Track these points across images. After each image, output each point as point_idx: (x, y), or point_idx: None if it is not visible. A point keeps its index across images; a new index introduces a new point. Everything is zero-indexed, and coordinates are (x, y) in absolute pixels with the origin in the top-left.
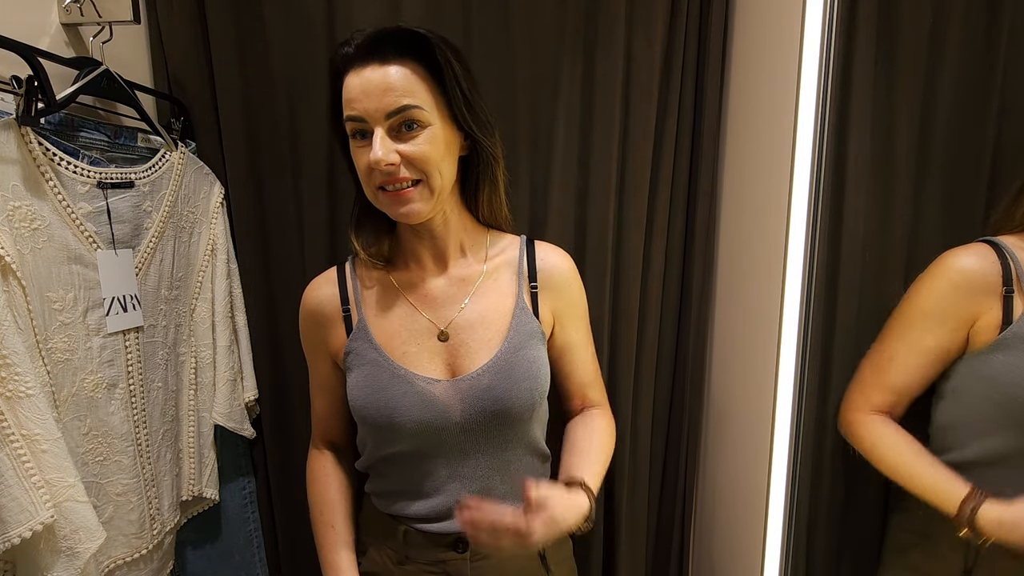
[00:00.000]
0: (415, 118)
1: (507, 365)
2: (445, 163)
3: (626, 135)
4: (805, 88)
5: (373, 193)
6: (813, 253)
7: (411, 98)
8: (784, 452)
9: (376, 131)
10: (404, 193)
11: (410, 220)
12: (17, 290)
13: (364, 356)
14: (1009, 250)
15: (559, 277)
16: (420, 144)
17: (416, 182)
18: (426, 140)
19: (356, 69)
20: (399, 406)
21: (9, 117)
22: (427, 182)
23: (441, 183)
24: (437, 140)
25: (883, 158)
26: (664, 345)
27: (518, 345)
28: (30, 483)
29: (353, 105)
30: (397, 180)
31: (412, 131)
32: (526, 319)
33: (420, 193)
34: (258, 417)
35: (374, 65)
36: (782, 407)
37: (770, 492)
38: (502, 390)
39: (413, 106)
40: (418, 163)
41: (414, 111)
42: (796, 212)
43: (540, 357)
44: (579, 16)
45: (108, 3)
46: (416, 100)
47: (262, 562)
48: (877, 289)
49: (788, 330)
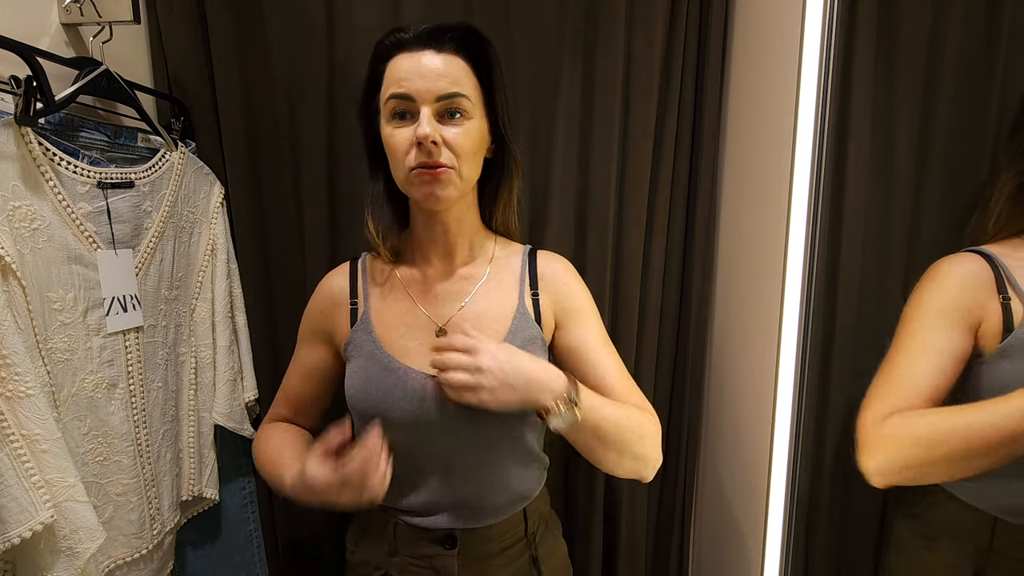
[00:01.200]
0: (462, 107)
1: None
2: (477, 158)
3: (626, 134)
4: (805, 88)
5: (406, 174)
6: (813, 253)
7: (461, 88)
8: (784, 452)
9: (423, 110)
10: (440, 173)
11: (438, 204)
12: (17, 290)
13: (362, 348)
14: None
15: (558, 279)
16: (461, 132)
17: (448, 168)
18: (466, 131)
19: (409, 52)
20: (389, 399)
21: (8, 117)
22: (459, 170)
23: (469, 175)
24: (474, 134)
25: (883, 158)
26: (664, 344)
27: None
28: (30, 483)
29: (403, 83)
30: (435, 162)
31: (455, 119)
32: (526, 323)
33: (452, 177)
34: (258, 417)
35: (431, 52)
36: (782, 407)
37: (770, 492)
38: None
39: (462, 95)
40: (456, 149)
41: (463, 100)
42: (796, 212)
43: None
44: (579, 16)
45: (108, 3)
46: (465, 91)
47: (262, 562)
48: (877, 289)
49: (788, 330)
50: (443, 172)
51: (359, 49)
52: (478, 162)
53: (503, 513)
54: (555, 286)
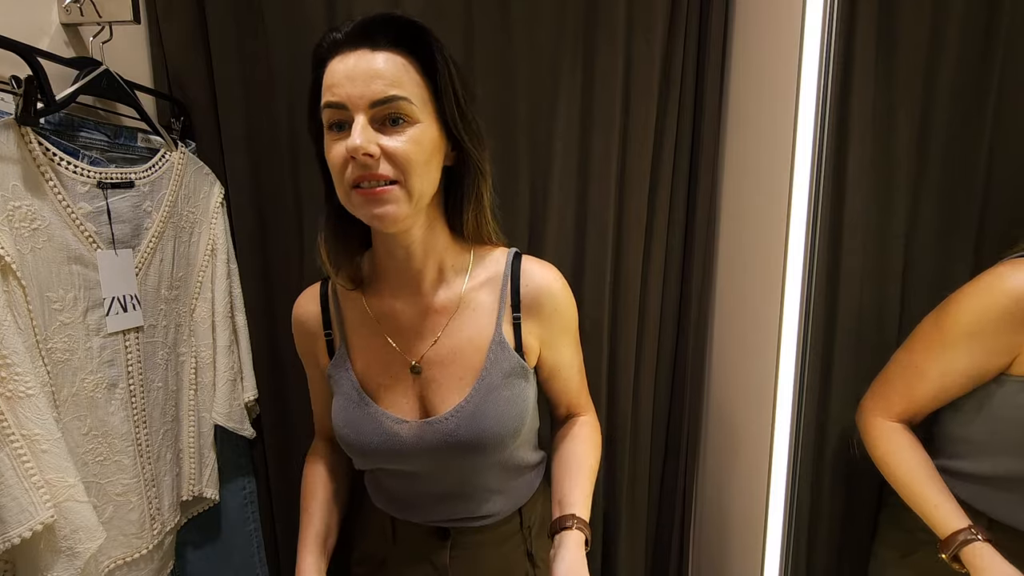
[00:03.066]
0: (402, 112)
1: (476, 410)
2: (429, 168)
3: (626, 135)
4: (805, 88)
5: (346, 192)
6: (813, 253)
7: (400, 90)
8: (784, 453)
9: (357, 118)
10: (380, 192)
11: (385, 225)
12: (17, 290)
13: (341, 385)
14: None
15: (544, 301)
16: (404, 141)
17: (393, 183)
18: (411, 138)
19: (343, 54)
20: (369, 441)
21: (9, 117)
22: (405, 184)
23: (421, 189)
24: (423, 141)
25: (883, 158)
26: (664, 345)
27: (491, 385)
28: (30, 483)
29: (334, 91)
30: (373, 176)
31: (397, 126)
32: (503, 355)
33: (397, 195)
34: (258, 417)
35: (363, 51)
36: (782, 407)
37: (770, 492)
38: (469, 434)
39: (401, 98)
40: (399, 161)
41: (402, 103)
42: (796, 212)
43: (518, 395)
44: (579, 16)
45: (108, 3)
46: (406, 93)
47: (262, 562)
48: (877, 289)
49: (788, 330)
50: (384, 191)
51: None
52: (430, 173)
53: (497, 516)
54: (540, 308)
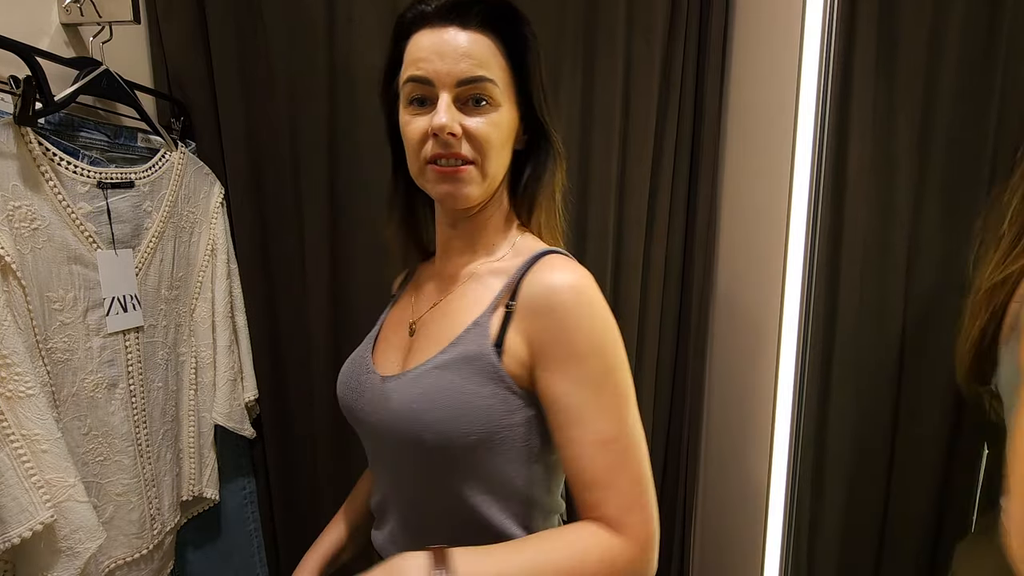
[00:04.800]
0: (487, 93)
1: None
2: (504, 151)
3: (626, 136)
4: (805, 88)
5: (420, 167)
6: (813, 253)
7: (488, 71)
8: (784, 452)
9: (442, 96)
10: (457, 171)
11: (457, 203)
12: (17, 290)
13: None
14: None
15: (545, 298)
16: (485, 123)
17: (470, 163)
18: (492, 121)
19: (431, 28)
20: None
21: (8, 117)
22: (481, 165)
23: (495, 171)
24: (502, 124)
25: (883, 158)
26: (664, 345)
27: (444, 364)
28: (30, 483)
29: (421, 64)
30: (453, 155)
31: (479, 107)
32: (475, 339)
33: (473, 175)
34: (258, 417)
35: (454, 28)
36: (782, 407)
37: (770, 492)
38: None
39: (488, 79)
40: (479, 142)
41: (488, 85)
42: (796, 212)
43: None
44: (579, 17)
45: (108, 3)
46: (492, 75)
47: (262, 562)
48: (877, 289)
49: (788, 330)
50: (462, 170)
51: (359, 48)
52: (505, 156)
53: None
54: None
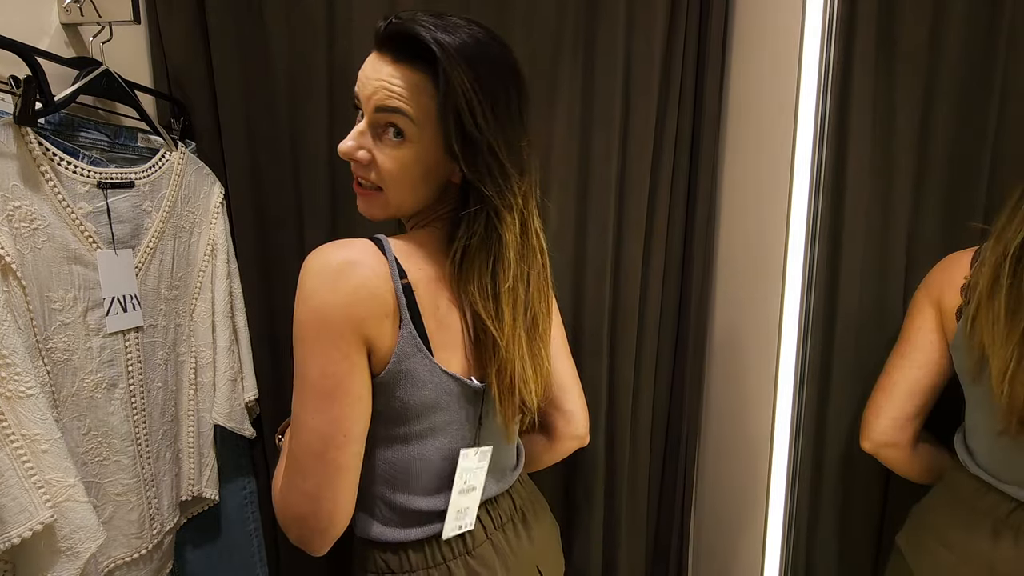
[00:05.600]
0: (400, 125)
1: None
2: (415, 186)
3: (626, 135)
4: (805, 88)
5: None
6: (813, 253)
7: (403, 103)
8: (784, 452)
9: (361, 120)
10: (366, 193)
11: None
12: (17, 290)
13: None
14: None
15: None
16: (393, 158)
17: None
18: (400, 157)
19: (376, 51)
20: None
21: (8, 117)
22: (386, 194)
23: (400, 202)
24: (412, 162)
25: (883, 158)
26: (664, 344)
27: None
28: (30, 483)
29: (358, 83)
30: (362, 177)
31: (395, 139)
32: None
33: (379, 200)
34: (258, 417)
35: (387, 58)
36: (782, 407)
37: (770, 492)
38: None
39: (400, 111)
40: (383, 174)
41: (399, 117)
42: (796, 212)
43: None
44: (579, 16)
45: (108, 3)
46: (408, 108)
47: (262, 562)
48: (877, 289)
49: (788, 330)
50: (367, 193)
51: (359, 48)
52: (418, 191)
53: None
54: None
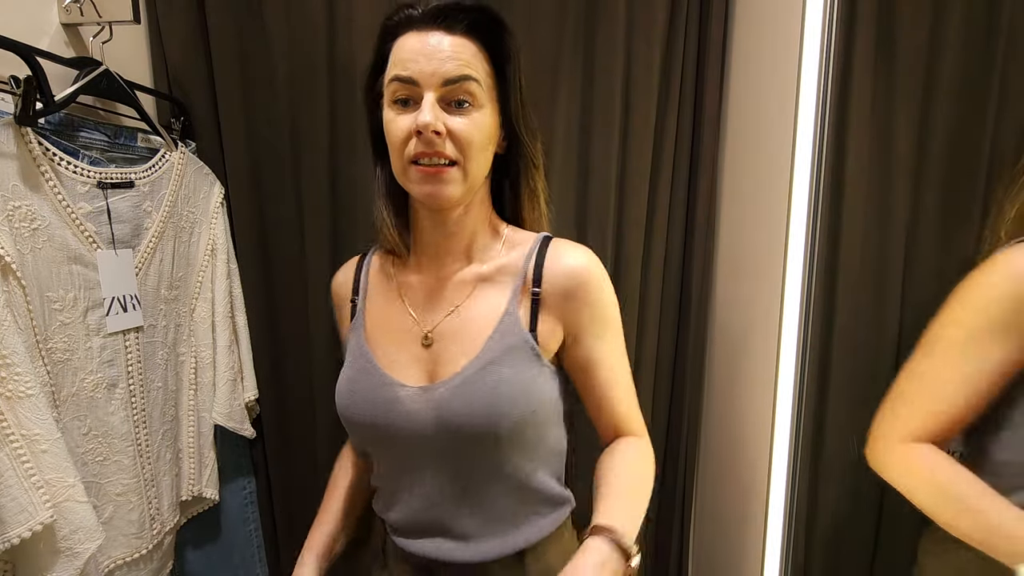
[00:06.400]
0: (471, 93)
1: (469, 380)
2: (485, 153)
3: (626, 135)
4: (805, 88)
5: (404, 167)
6: (813, 253)
7: (473, 71)
8: (784, 453)
9: (427, 96)
10: (440, 171)
11: (439, 203)
12: (17, 290)
13: (351, 349)
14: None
15: (570, 278)
16: (468, 123)
17: (453, 163)
18: (474, 121)
19: (417, 31)
20: (358, 402)
21: (8, 117)
22: (463, 165)
23: (476, 172)
24: (484, 126)
25: (883, 158)
26: (664, 344)
27: (490, 360)
28: (30, 483)
29: (407, 65)
30: (436, 154)
31: (462, 108)
32: (510, 330)
33: (455, 175)
34: (258, 417)
35: (440, 32)
36: (782, 407)
37: (770, 492)
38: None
39: (473, 78)
40: (462, 143)
41: (472, 84)
42: (796, 212)
43: (521, 376)
44: (579, 16)
45: (108, 3)
46: (476, 75)
47: (262, 562)
48: (877, 289)
49: (788, 330)
50: (445, 170)
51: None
52: (486, 158)
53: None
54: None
